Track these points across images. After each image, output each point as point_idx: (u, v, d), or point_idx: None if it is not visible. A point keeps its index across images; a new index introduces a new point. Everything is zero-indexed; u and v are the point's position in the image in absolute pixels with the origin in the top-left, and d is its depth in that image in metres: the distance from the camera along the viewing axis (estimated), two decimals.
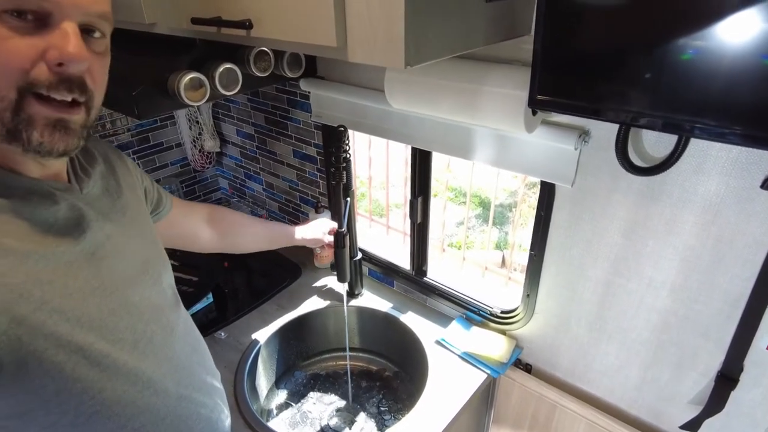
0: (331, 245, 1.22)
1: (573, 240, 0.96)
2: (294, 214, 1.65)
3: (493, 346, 1.16)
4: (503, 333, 1.19)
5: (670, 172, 0.78)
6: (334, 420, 1.22)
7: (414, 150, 1.18)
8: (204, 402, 0.73)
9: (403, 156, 1.85)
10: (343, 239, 1.15)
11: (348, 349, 1.33)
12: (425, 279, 1.33)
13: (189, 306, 0.89)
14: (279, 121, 1.46)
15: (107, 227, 0.62)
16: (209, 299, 1.37)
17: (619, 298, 0.94)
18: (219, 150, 1.73)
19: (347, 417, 1.23)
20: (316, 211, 1.43)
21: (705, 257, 0.81)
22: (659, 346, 0.93)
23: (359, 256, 1.34)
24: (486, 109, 0.81)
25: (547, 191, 0.95)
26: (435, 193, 1.29)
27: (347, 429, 1.20)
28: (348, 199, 1.16)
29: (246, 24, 0.66)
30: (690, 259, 0.83)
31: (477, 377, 1.12)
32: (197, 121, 1.62)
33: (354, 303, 1.36)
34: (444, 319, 1.29)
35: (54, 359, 0.51)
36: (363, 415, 1.23)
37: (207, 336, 1.23)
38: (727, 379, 0.85)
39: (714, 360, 0.87)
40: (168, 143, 1.65)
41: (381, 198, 3.72)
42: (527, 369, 1.18)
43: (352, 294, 1.38)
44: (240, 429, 1.02)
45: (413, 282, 1.36)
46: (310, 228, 1.25)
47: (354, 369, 1.37)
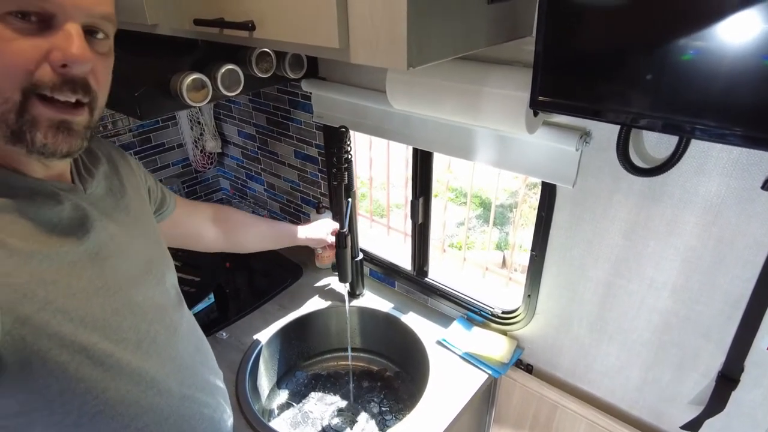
0: (333, 246, 1.22)
1: (574, 241, 0.96)
2: (295, 214, 1.65)
3: (494, 346, 1.16)
4: (504, 333, 1.19)
5: (671, 173, 0.78)
6: (335, 420, 1.22)
7: (415, 151, 1.18)
8: (207, 402, 0.73)
9: (404, 156, 1.85)
10: (345, 239, 1.16)
11: (350, 350, 1.34)
12: (426, 279, 1.33)
13: (191, 306, 0.89)
14: (280, 122, 1.46)
15: (111, 227, 0.62)
16: (211, 299, 1.38)
17: (620, 298, 0.94)
18: (220, 150, 1.73)
19: (348, 417, 1.23)
20: (317, 212, 1.43)
21: (706, 258, 0.81)
22: (660, 346, 0.93)
23: (360, 256, 1.34)
24: (487, 110, 0.81)
25: (548, 192, 0.95)
26: (436, 194, 1.29)
27: (348, 429, 1.20)
28: (349, 200, 1.16)
29: (248, 25, 0.66)
30: (691, 260, 0.83)
31: (478, 377, 1.12)
32: (199, 122, 1.62)
33: (355, 303, 1.37)
34: (445, 320, 1.29)
35: (58, 359, 0.51)
36: (364, 416, 1.23)
37: (209, 336, 1.23)
38: (728, 380, 0.86)
39: (715, 360, 0.87)
40: (169, 144, 1.66)
41: (381, 198, 3.72)
42: (528, 369, 1.18)
43: (353, 294, 1.39)
44: (242, 429, 1.02)
45: (414, 282, 1.36)
46: (313, 228, 1.25)
47: (355, 369, 1.37)
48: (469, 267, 2.10)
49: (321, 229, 1.26)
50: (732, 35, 0.52)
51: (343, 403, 1.27)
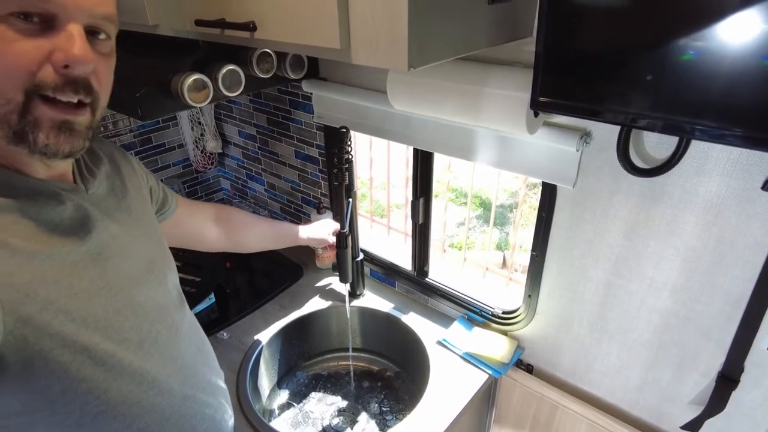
0: (334, 246, 1.22)
1: (574, 241, 0.96)
2: (296, 214, 1.65)
3: (495, 346, 1.16)
4: (505, 333, 1.19)
5: (671, 173, 0.78)
6: (335, 420, 1.22)
7: (416, 151, 1.18)
8: (208, 402, 0.73)
9: (404, 156, 1.85)
10: (346, 240, 1.16)
11: (351, 350, 1.34)
12: (427, 280, 1.33)
13: (191, 306, 0.89)
14: (281, 122, 1.46)
15: (112, 227, 0.62)
16: (211, 299, 1.38)
17: (621, 298, 0.94)
18: (221, 151, 1.74)
19: (349, 417, 1.23)
20: (317, 212, 1.43)
21: (706, 258, 0.82)
22: (660, 346, 0.93)
23: (361, 256, 1.35)
24: (488, 111, 0.81)
25: (549, 192, 0.95)
26: (436, 194, 1.29)
27: (349, 429, 1.20)
28: (350, 200, 1.16)
29: (250, 26, 0.67)
30: (691, 260, 0.83)
31: (478, 377, 1.12)
32: (199, 122, 1.63)
33: (356, 303, 1.37)
34: (445, 320, 1.29)
35: (59, 359, 0.51)
36: (365, 416, 1.23)
37: (209, 336, 1.23)
38: (728, 380, 0.86)
39: (715, 361, 0.87)
40: (170, 144, 1.66)
41: (381, 198, 3.73)
42: (528, 369, 1.18)
43: (353, 294, 1.39)
44: (242, 429, 1.02)
45: (415, 282, 1.36)
46: (315, 228, 1.25)
47: (356, 369, 1.37)
48: (470, 267, 2.10)
49: (322, 230, 1.26)
50: (732, 35, 0.52)
51: (344, 403, 1.27)
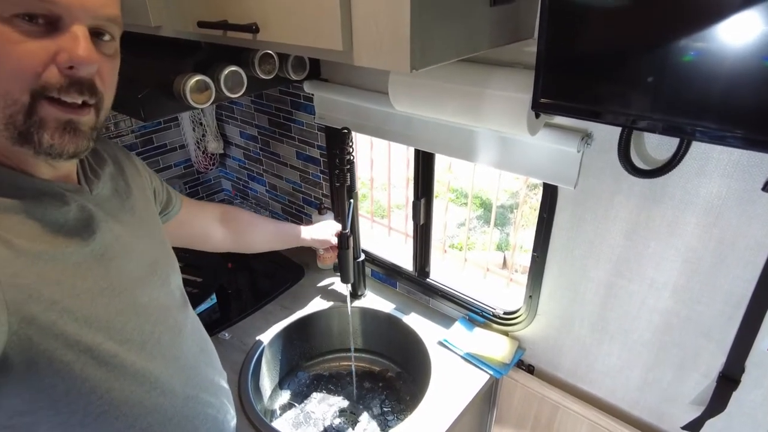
0: (336, 247, 1.22)
1: (575, 241, 0.96)
2: (297, 215, 1.65)
3: (496, 347, 1.16)
4: (506, 334, 1.20)
5: (672, 174, 0.78)
6: (337, 420, 1.23)
7: (417, 152, 1.19)
8: (211, 402, 0.73)
9: (405, 157, 1.85)
10: (347, 240, 1.16)
11: (352, 350, 1.34)
12: (428, 280, 1.34)
13: (193, 307, 0.90)
14: (282, 123, 1.46)
15: (116, 228, 0.63)
16: (213, 300, 1.38)
17: (622, 299, 0.95)
18: (222, 151, 1.74)
19: (350, 417, 1.23)
20: (319, 213, 1.43)
21: (707, 259, 0.82)
22: (661, 347, 0.93)
23: (362, 257, 1.35)
24: (489, 112, 0.82)
25: (550, 193, 0.96)
26: (437, 194, 1.29)
27: (350, 429, 1.20)
28: (351, 201, 1.16)
29: (252, 28, 0.67)
30: (692, 261, 0.83)
31: (479, 378, 1.12)
32: (201, 123, 1.63)
33: (357, 304, 1.37)
34: (447, 320, 1.29)
35: (63, 359, 0.51)
36: (366, 416, 1.24)
37: (211, 336, 1.24)
38: (729, 380, 0.86)
39: (716, 361, 0.87)
40: (172, 145, 1.66)
41: (382, 199, 3.73)
42: (530, 370, 1.18)
43: (355, 295, 1.39)
44: (244, 429, 1.02)
45: (416, 283, 1.36)
46: (318, 229, 1.26)
47: (357, 370, 1.37)
48: (470, 268, 2.10)
49: (325, 231, 1.26)
50: (732, 36, 0.52)
51: (345, 404, 1.27)
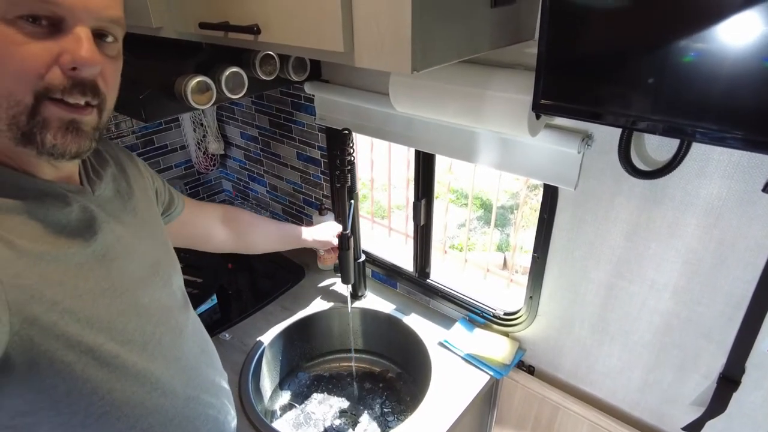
0: (336, 247, 1.22)
1: (576, 242, 0.96)
2: (297, 216, 1.65)
3: (496, 347, 1.17)
4: (506, 335, 1.20)
5: (672, 175, 0.78)
6: (337, 421, 1.23)
7: (417, 153, 1.19)
8: (212, 403, 0.73)
9: (405, 157, 1.85)
10: (348, 241, 1.16)
11: (353, 351, 1.34)
12: (428, 281, 1.34)
13: (193, 307, 0.90)
14: (283, 124, 1.47)
15: (118, 229, 0.63)
16: (213, 301, 1.38)
17: (622, 300, 0.95)
18: (223, 152, 1.74)
19: (351, 418, 1.23)
20: (319, 214, 1.44)
21: (707, 260, 0.82)
22: (661, 348, 0.93)
23: (363, 258, 1.35)
24: (490, 113, 0.82)
25: (550, 194, 0.96)
26: (437, 195, 1.29)
27: (351, 430, 1.20)
28: (352, 202, 1.17)
29: (254, 29, 0.67)
30: (692, 262, 0.84)
31: (480, 379, 1.13)
32: (201, 124, 1.63)
33: (357, 305, 1.37)
34: (447, 321, 1.29)
35: (64, 359, 0.51)
36: (366, 417, 1.24)
37: (211, 337, 1.24)
38: (729, 381, 0.86)
39: (716, 362, 0.87)
40: (172, 145, 1.66)
41: (382, 200, 3.73)
42: (530, 371, 1.18)
43: (355, 296, 1.39)
44: (245, 430, 1.02)
45: (416, 284, 1.36)
46: (319, 230, 1.26)
47: (357, 370, 1.37)
48: (471, 268, 2.10)
49: (327, 232, 1.26)
50: (733, 37, 0.52)
51: (346, 404, 1.27)
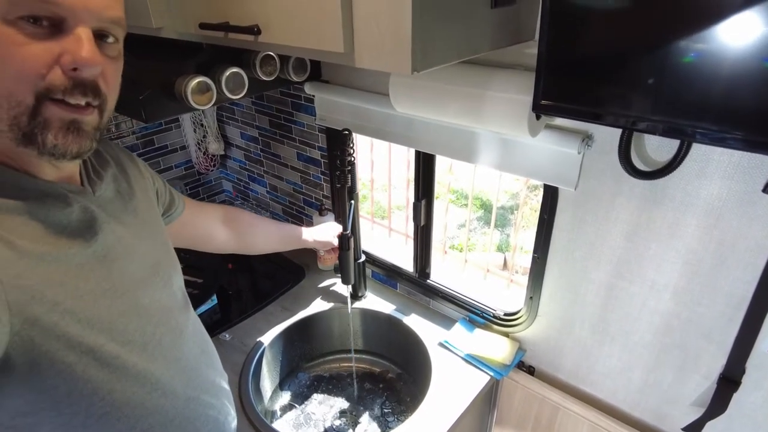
0: (337, 248, 1.22)
1: (576, 243, 0.96)
2: (297, 216, 1.65)
3: (496, 348, 1.17)
4: (506, 335, 1.20)
5: (672, 175, 0.78)
6: (337, 422, 1.23)
7: (418, 153, 1.19)
8: (212, 403, 0.73)
9: (405, 158, 1.85)
10: (348, 242, 1.16)
11: (353, 351, 1.34)
12: (428, 281, 1.34)
13: (193, 308, 0.90)
14: (283, 124, 1.47)
15: (119, 229, 0.63)
16: (213, 301, 1.38)
17: (622, 300, 0.95)
18: (223, 153, 1.74)
19: (351, 419, 1.23)
20: (320, 214, 1.44)
21: (707, 260, 0.82)
22: (662, 348, 0.93)
23: (363, 258, 1.35)
24: (490, 114, 0.82)
25: (551, 194, 0.96)
26: (437, 195, 1.29)
27: (351, 431, 1.20)
28: (352, 202, 1.17)
29: (254, 29, 0.67)
30: (692, 262, 0.84)
31: (480, 379, 1.13)
32: (202, 124, 1.63)
33: (357, 305, 1.37)
34: (447, 321, 1.29)
35: (65, 360, 0.52)
36: (366, 417, 1.24)
37: (211, 338, 1.24)
38: (729, 382, 0.86)
39: (716, 362, 0.87)
40: (172, 146, 1.66)
41: (383, 200, 3.73)
42: (530, 371, 1.18)
43: (355, 296, 1.39)
44: (245, 430, 1.02)
45: (416, 284, 1.36)
46: (320, 231, 1.26)
47: (358, 371, 1.37)
48: (471, 269, 2.10)
49: (327, 232, 1.26)
50: (733, 37, 0.52)
51: (346, 405, 1.27)
